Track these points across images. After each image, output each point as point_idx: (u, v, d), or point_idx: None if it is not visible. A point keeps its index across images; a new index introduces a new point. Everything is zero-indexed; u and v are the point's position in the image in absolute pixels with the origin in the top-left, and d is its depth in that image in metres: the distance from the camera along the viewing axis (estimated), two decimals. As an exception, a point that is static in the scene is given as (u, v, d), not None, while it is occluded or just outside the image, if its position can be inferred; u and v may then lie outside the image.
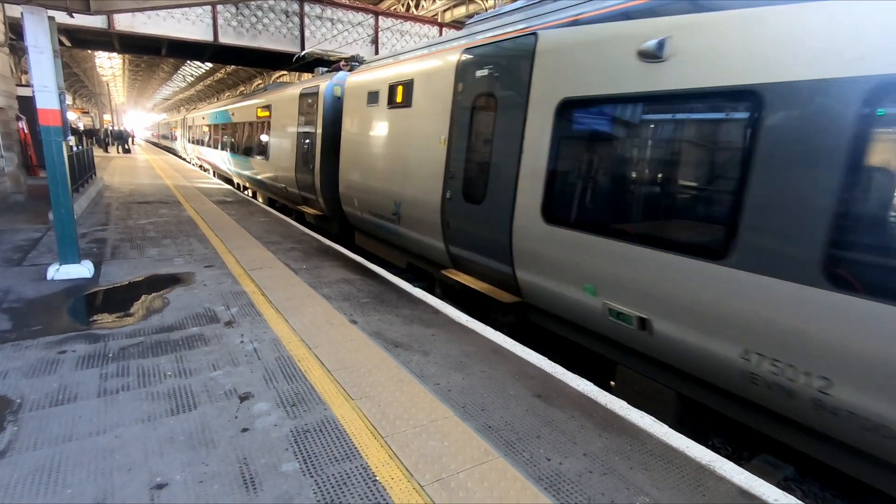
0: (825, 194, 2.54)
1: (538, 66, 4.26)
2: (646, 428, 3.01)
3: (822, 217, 2.54)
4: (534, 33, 4.36)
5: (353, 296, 5.27)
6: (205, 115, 21.36)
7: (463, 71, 5.25)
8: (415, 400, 3.22)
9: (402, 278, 6.13)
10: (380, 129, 6.92)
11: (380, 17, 18.85)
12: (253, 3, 16.29)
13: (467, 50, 5.23)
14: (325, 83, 8.94)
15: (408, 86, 6.24)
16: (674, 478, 2.58)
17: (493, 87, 4.82)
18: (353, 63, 9.32)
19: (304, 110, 9.69)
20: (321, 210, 9.47)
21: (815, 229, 2.56)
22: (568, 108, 4.00)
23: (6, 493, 2.27)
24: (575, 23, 4.02)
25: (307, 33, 17.51)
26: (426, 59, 6.06)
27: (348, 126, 7.96)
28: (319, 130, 8.88)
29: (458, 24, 20.03)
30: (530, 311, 4.85)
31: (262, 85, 34.85)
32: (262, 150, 12.46)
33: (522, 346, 4.19)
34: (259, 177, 13.21)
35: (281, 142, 11.08)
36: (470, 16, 20.25)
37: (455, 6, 20.30)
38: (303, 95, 9.81)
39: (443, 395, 3.29)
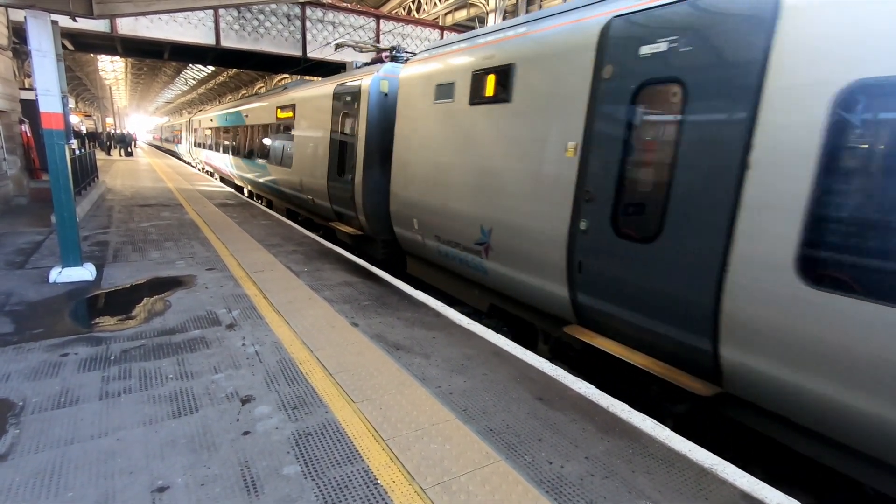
0: None
1: (789, 31, 2.71)
2: (648, 431, 3.01)
3: None
4: None
5: (354, 298, 5.27)
6: (213, 116, 19.68)
7: (614, 48, 3.69)
8: (416, 403, 3.22)
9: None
10: (456, 131, 5.40)
11: (381, 21, 18.92)
12: (255, 6, 16.37)
13: (622, 17, 3.65)
14: (368, 77, 7.41)
15: (504, 73, 4.68)
16: (676, 481, 2.57)
17: (679, 68, 3.25)
18: (398, 54, 8.11)
19: (339, 111, 8.29)
20: (360, 229, 7.98)
21: None
22: (868, 97, 2.48)
23: (8, 495, 2.27)
24: None
25: (308, 37, 17.57)
26: (537, 35, 4.44)
27: (405, 128, 6.41)
28: (362, 134, 7.38)
29: (459, 28, 20.09)
30: (731, 403, 3.28)
31: (262, 88, 34.87)
32: (283, 156, 10.97)
33: (524, 348, 4.18)
34: (278, 186, 11.58)
35: (308, 147, 9.58)
36: (471, 19, 20.29)
37: (456, 9, 20.36)
38: (339, 94, 8.33)
39: (444, 398, 3.29)
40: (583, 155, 3.95)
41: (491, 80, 4.87)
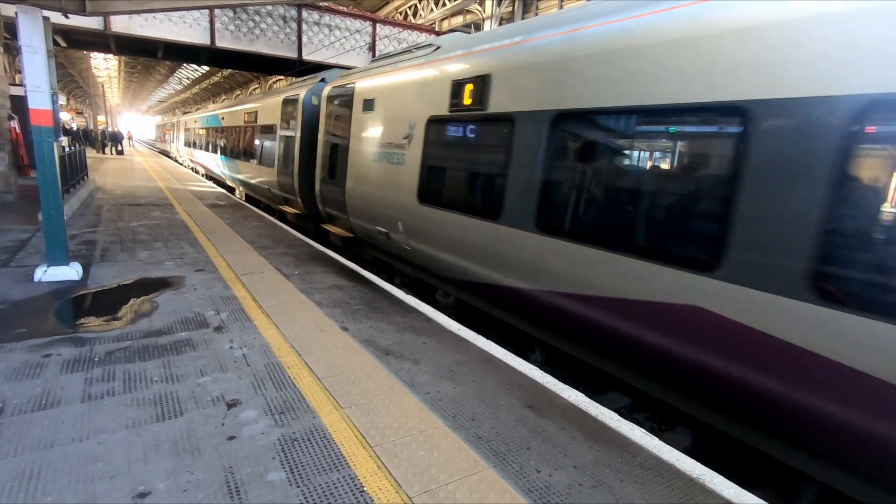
0: None
1: None
2: (636, 440, 3.00)
3: None
4: None
5: (344, 302, 5.23)
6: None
7: None
8: (405, 409, 3.19)
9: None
10: None
11: (378, 25, 18.93)
12: (251, 7, 16.32)
13: None
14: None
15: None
16: (664, 491, 2.56)
17: None
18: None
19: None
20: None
21: None
22: None
23: (-17, 500, 2.22)
24: None
25: (305, 39, 17.54)
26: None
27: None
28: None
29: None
30: None
31: (257, 90, 34.38)
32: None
33: (514, 355, 4.17)
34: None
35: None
36: (467, 26, 20.37)
37: (452, 16, 20.45)
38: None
39: (433, 405, 3.26)
40: None
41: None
